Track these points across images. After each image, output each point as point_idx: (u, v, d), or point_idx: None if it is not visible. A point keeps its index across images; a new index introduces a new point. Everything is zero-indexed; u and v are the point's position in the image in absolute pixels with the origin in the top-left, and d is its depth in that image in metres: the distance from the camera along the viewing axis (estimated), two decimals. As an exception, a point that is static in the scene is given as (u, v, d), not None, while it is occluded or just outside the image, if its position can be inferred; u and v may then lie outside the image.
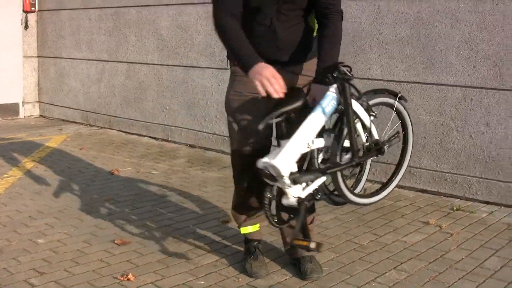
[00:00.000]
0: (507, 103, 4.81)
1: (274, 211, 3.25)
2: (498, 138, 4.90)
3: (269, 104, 3.44)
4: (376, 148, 3.38)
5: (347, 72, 3.14)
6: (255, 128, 3.42)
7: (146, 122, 7.73)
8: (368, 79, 5.48)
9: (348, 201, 3.39)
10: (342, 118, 3.21)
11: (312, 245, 3.10)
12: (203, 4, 6.67)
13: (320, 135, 3.18)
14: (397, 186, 4.93)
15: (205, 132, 7.02)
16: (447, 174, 5.20)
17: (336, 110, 3.20)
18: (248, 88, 3.41)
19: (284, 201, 3.16)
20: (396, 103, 3.54)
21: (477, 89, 4.95)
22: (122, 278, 3.56)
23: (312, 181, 3.18)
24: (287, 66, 3.38)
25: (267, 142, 3.52)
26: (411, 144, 3.72)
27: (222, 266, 3.76)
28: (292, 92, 3.20)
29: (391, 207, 4.91)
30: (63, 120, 8.98)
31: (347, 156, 3.30)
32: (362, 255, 3.94)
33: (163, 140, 7.51)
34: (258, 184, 3.59)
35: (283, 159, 3.01)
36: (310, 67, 3.42)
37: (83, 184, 5.53)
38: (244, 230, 3.73)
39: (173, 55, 7.26)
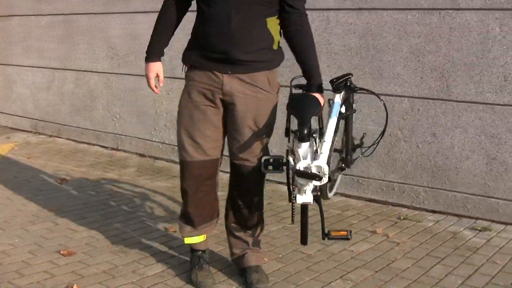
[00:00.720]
0: (453, 113, 4.88)
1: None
2: (445, 148, 4.97)
3: (219, 111, 3.44)
4: (355, 148, 3.81)
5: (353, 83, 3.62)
6: (204, 136, 3.43)
7: (96, 130, 7.65)
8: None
9: (325, 197, 3.73)
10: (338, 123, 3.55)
11: (349, 234, 3.30)
12: (154, 12, 6.58)
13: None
14: (345, 195, 5.04)
15: (155, 141, 6.98)
16: (394, 184, 5.26)
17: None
18: (199, 94, 3.40)
19: (300, 200, 3.20)
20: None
21: (424, 99, 5.02)
22: (66, 290, 3.53)
23: (337, 177, 3.51)
24: (237, 72, 3.35)
25: (215, 153, 3.52)
26: None
27: (169, 276, 3.74)
28: (314, 100, 3.36)
29: (339, 216, 4.94)
30: (11, 128, 8.83)
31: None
32: (309, 265, 3.95)
33: (113, 149, 7.44)
34: (205, 195, 3.59)
35: (325, 159, 3.17)
36: (262, 79, 3.41)
37: (30, 194, 5.45)
38: (188, 240, 3.71)
39: (124, 64, 7.21)
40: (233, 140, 3.49)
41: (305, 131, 3.13)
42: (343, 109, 3.68)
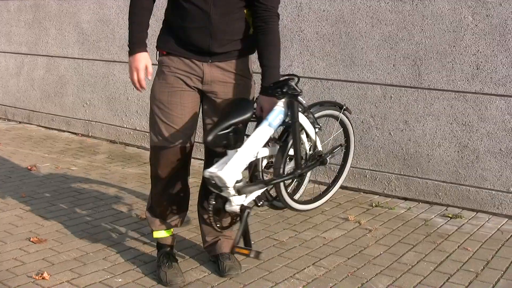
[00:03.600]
0: (425, 101, 4.90)
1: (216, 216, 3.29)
2: (416, 135, 4.99)
3: (196, 97, 3.39)
4: (318, 159, 3.59)
5: (296, 88, 3.25)
6: (177, 122, 3.37)
7: (66, 117, 7.57)
8: (290, 76, 5.49)
9: (290, 208, 3.59)
10: (288, 131, 3.34)
11: (252, 254, 3.13)
12: (125, -3, 6.59)
13: (265, 144, 3.27)
14: (318, 183, 5.00)
15: (126, 127, 6.92)
16: (366, 171, 5.27)
17: (283, 123, 3.32)
18: (177, 79, 3.34)
19: (228, 208, 3.17)
20: (340, 115, 3.80)
21: (397, 87, 5.03)
22: (36, 277, 3.47)
23: (255, 191, 3.25)
24: (217, 60, 3.31)
25: (187, 140, 3.46)
26: (352, 153, 4.15)
27: (140, 263, 3.71)
28: (241, 104, 3.24)
29: (311, 203, 4.94)
30: (-20, 114, 8.74)
31: (290, 166, 3.45)
32: (282, 251, 3.95)
33: (83, 135, 7.37)
34: (174, 183, 3.52)
35: (230, 170, 3.04)
36: (241, 65, 3.38)
37: (-2, 181, 5.39)
38: (157, 234, 3.64)
39: (94, 49, 7.13)
40: (209, 126, 3.43)
41: (209, 138, 3.02)
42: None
